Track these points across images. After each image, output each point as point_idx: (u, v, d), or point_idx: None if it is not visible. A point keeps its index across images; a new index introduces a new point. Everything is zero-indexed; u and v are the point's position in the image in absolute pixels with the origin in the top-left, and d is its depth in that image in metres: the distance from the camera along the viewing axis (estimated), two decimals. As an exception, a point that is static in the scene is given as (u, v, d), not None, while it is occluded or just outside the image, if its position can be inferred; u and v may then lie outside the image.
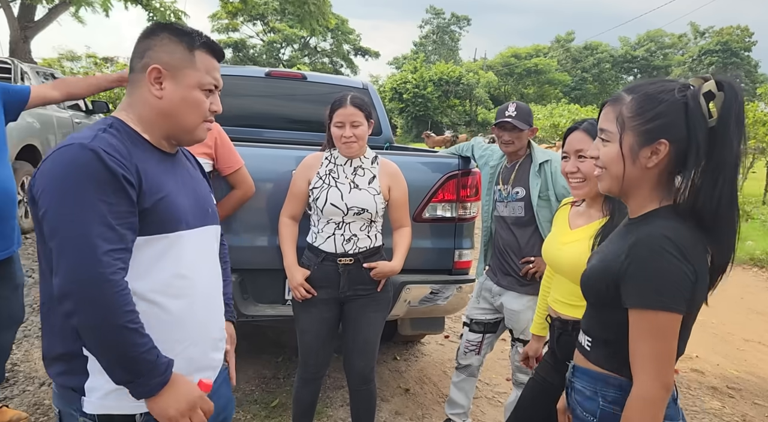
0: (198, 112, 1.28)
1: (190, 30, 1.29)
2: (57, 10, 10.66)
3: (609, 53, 52.54)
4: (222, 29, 41.58)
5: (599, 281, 1.26)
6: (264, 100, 4.19)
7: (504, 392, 3.44)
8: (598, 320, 1.31)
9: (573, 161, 1.82)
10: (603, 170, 1.28)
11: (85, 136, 1.14)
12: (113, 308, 1.07)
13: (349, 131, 2.27)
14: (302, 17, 11.28)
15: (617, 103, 1.25)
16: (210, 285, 1.35)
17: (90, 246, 1.07)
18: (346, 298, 2.36)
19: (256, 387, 3.28)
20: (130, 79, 1.29)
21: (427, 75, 40.45)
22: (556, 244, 1.90)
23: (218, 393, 1.40)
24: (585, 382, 1.33)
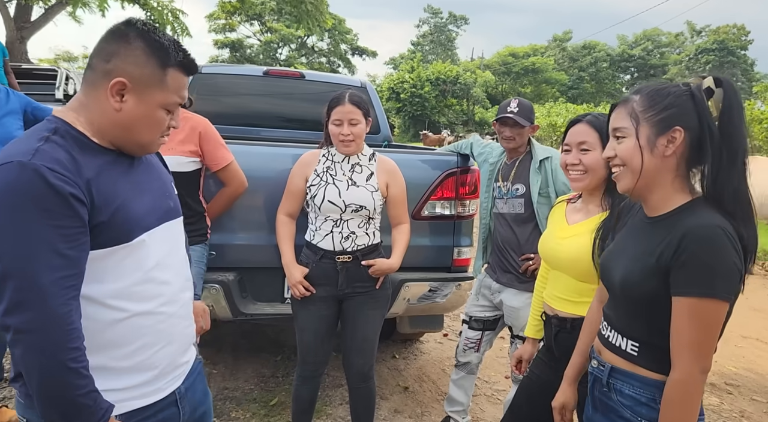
0: (156, 130, 1.19)
1: (167, 43, 1.16)
2: (53, 10, 10.63)
3: (606, 52, 52.61)
4: (219, 29, 41.53)
5: (646, 281, 1.26)
6: (262, 98, 4.19)
7: (503, 390, 3.45)
8: (647, 323, 1.30)
9: (575, 153, 1.81)
10: (622, 168, 1.31)
11: (25, 151, 1.01)
12: (57, 345, 1.01)
13: (347, 129, 2.26)
14: (299, 17, 11.28)
15: (627, 103, 1.31)
16: (178, 283, 1.30)
17: (35, 277, 0.99)
18: (345, 296, 2.36)
19: (255, 385, 3.27)
20: (88, 78, 1.16)
21: (425, 74, 40.45)
22: (555, 239, 1.89)
23: (193, 388, 1.38)
24: (637, 388, 1.32)
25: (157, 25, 9.76)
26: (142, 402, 1.21)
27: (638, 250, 1.32)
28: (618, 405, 1.36)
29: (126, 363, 1.18)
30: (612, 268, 1.39)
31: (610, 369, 1.38)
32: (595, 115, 1.82)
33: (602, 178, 1.79)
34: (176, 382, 1.30)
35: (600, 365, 1.43)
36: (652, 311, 1.28)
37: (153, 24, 1.19)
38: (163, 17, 9.25)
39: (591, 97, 47.25)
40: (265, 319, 2.97)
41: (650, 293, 1.27)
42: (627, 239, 1.41)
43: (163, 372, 1.25)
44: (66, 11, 10.94)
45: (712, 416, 3.34)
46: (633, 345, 1.34)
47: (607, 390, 1.39)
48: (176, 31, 9.62)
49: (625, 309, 1.37)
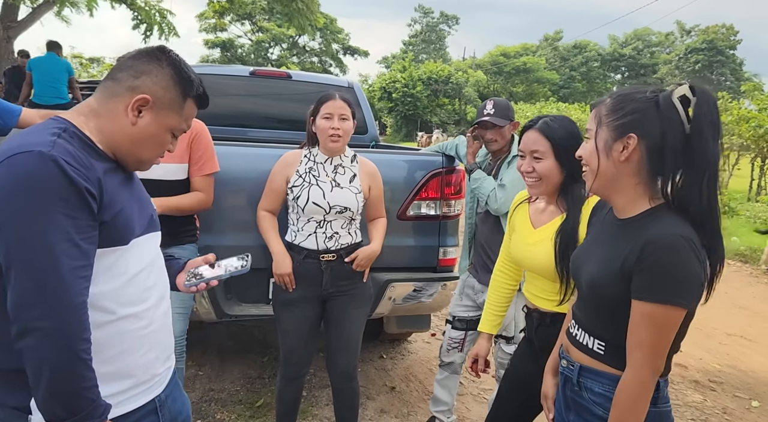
0: (158, 150, 1.27)
1: (193, 77, 1.26)
2: (41, 10, 10.54)
3: (597, 52, 52.88)
4: (210, 29, 41.35)
5: (612, 284, 1.29)
6: (249, 99, 4.18)
7: (489, 389, 3.46)
8: (613, 324, 1.32)
9: (528, 161, 1.81)
10: (587, 168, 1.34)
11: (43, 142, 1.04)
12: (73, 334, 1.02)
13: (337, 123, 2.27)
14: (291, 15, 11.24)
15: (599, 105, 1.34)
16: (159, 291, 1.31)
17: (55, 265, 1.00)
18: (329, 295, 2.37)
19: (241, 387, 3.27)
20: (109, 87, 1.20)
21: (416, 74, 40.49)
22: (523, 246, 1.91)
23: (173, 396, 1.38)
24: (607, 386, 1.34)
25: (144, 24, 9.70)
26: (122, 409, 1.20)
27: (605, 253, 1.34)
28: (590, 404, 1.38)
29: (105, 368, 1.16)
30: (581, 269, 1.41)
31: (579, 368, 1.41)
32: (547, 121, 1.82)
33: (556, 184, 1.80)
34: (156, 390, 1.30)
35: (570, 364, 1.45)
36: (617, 313, 1.30)
37: (182, 57, 1.28)
38: (150, 17, 9.18)
39: (582, 96, 47.48)
40: (250, 320, 2.97)
41: (615, 296, 1.29)
42: (596, 240, 1.43)
43: (141, 380, 1.24)
44: (53, 11, 10.86)
45: (695, 413, 3.38)
46: (600, 344, 1.36)
47: (578, 389, 1.41)
48: (164, 31, 9.56)
49: (593, 309, 1.39)
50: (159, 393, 1.31)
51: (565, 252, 1.71)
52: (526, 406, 1.94)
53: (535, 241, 1.86)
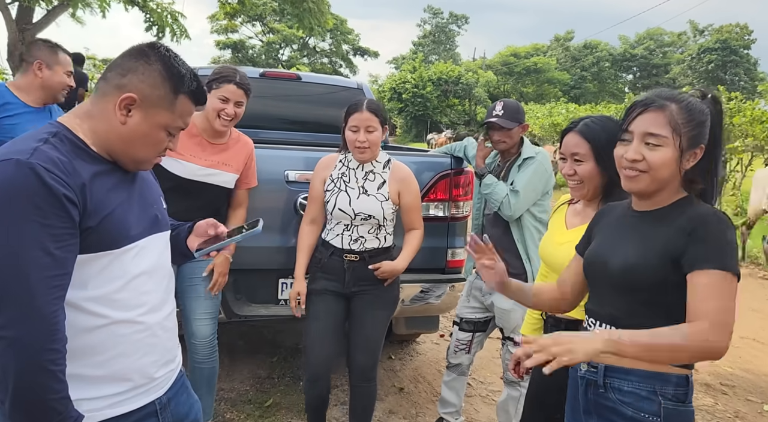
0: (154, 149, 1.23)
1: (185, 72, 1.21)
2: (55, 12, 10.64)
3: (608, 52, 52.51)
4: (221, 30, 41.59)
5: (654, 269, 1.31)
6: (259, 100, 4.20)
7: (498, 390, 3.45)
8: (645, 311, 1.33)
9: (569, 164, 1.79)
10: (642, 173, 1.33)
11: (24, 150, 1.04)
12: (38, 344, 1.01)
13: (363, 136, 2.30)
14: (301, 16, 11.26)
15: (664, 109, 1.31)
16: (160, 295, 1.30)
17: (23, 274, 1.00)
18: (352, 294, 2.42)
19: (250, 387, 3.29)
20: (100, 87, 1.19)
21: (426, 75, 40.45)
22: (553, 244, 1.90)
23: (176, 400, 1.37)
24: (636, 383, 1.33)
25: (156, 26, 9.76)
26: (116, 411, 1.20)
27: (640, 242, 1.36)
28: (617, 404, 1.36)
29: (100, 371, 1.17)
30: (608, 260, 1.40)
31: (605, 369, 1.39)
32: (587, 123, 1.79)
33: (598, 186, 1.78)
34: (156, 392, 1.29)
35: (591, 367, 1.42)
36: (655, 296, 1.32)
37: (174, 52, 1.23)
38: (162, 19, 9.26)
39: (593, 96, 47.12)
40: (259, 321, 3.00)
41: (657, 281, 1.30)
42: (619, 233, 1.44)
43: (138, 383, 1.23)
44: (68, 13, 10.97)
45: (706, 416, 3.35)
46: None
47: (604, 390, 1.39)
48: (175, 33, 9.63)
49: (623, 301, 1.38)
50: (160, 395, 1.30)
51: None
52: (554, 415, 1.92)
53: (565, 241, 1.84)
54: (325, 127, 4.09)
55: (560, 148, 1.87)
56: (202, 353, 2.47)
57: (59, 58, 2.62)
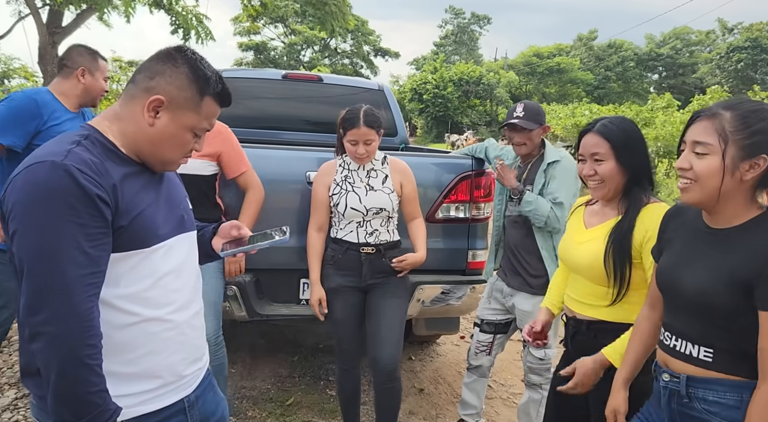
0: (181, 150, 1.26)
1: (210, 74, 1.24)
2: (83, 16, 10.88)
3: (633, 51, 51.69)
4: (244, 32, 42.04)
5: (724, 293, 1.27)
6: (282, 102, 4.25)
7: (519, 393, 3.44)
8: (721, 332, 1.31)
9: (590, 164, 1.79)
10: (692, 182, 1.31)
11: (58, 152, 1.08)
12: (76, 339, 1.04)
13: (362, 149, 2.41)
14: (323, 18, 11.33)
15: (715, 117, 1.28)
16: (188, 294, 1.32)
17: (59, 272, 1.03)
18: (368, 287, 2.50)
19: (272, 385, 3.33)
20: (129, 90, 1.23)
21: (447, 75, 40.30)
22: (572, 244, 1.90)
23: (203, 398, 1.39)
24: (722, 392, 1.31)
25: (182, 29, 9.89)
26: (146, 408, 1.23)
27: (712, 263, 1.32)
28: (704, 414, 1.34)
29: (131, 368, 1.20)
30: (680, 279, 1.38)
31: (687, 379, 1.36)
32: (605, 123, 1.78)
33: (620, 185, 1.77)
34: (184, 390, 1.31)
35: (673, 377, 1.40)
36: (727, 320, 1.28)
37: (201, 55, 1.26)
38: (188, 22, 9.40)
39: (618, 96, 46.40)
40: (281, 320, 3.03)
41: (728, 304, 1.27)
42: (691, 250, 1.40)
43: (167, 381, 1.26)
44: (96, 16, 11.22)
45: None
46: (706, 351, 1.33)
47: (689, 400, 1.36)
48: (200, 36, 9.77)
49: (698, 318, 1.35)
50: (188, 393, 1.32)
51: (618, 251, 1.70)
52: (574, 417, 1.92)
53: (584, 240, 1.84)
54: None
55: (578, 149, 1.86)
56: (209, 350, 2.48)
57: (99, 65, 2.71)
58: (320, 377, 3.48)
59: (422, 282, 2.88)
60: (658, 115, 16.14)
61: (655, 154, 12.89)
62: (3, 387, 3.04)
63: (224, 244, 1.48)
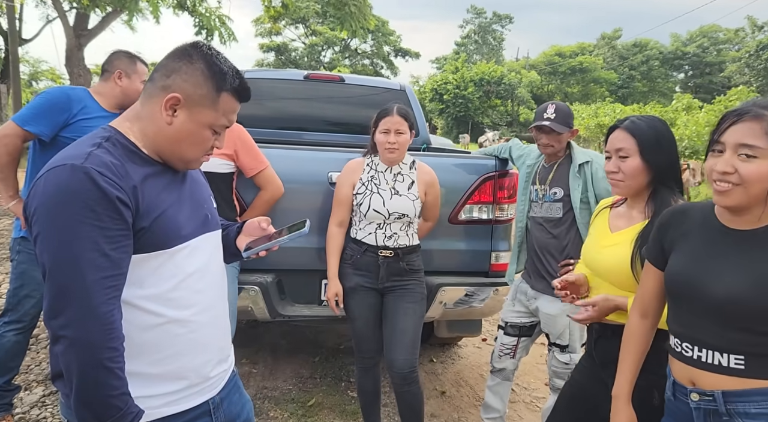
0: (200, 148, 1.24)
1: (227, 69, 1.22)
2: (109, 18, 11.09)
3: (658, 50, 50.81)
4: (265, 33, 42.42)
5: (760, 297, 1.22)
6: (303, 102, 4.25)
7: (542, 397, 3.38)
8: (754, 337, 1.25)
9: (614, 160, 1.74)
10: (734, 186, 1.24)
11: (78, 155, 1.08)
12: (96, 343, 1.04)
13: (393, 138, 2.42)
14: (343, 19, 11.36)
15: (761, 119, 1.22)
16: (213, 294, 1.31)
17: (79, 275, 1.03)
18: (385, 290, 2.50)
19: (293, 386, 3.33)
20: (147, 90, 1.22)
21: (468, 75, 40.12)
22: (597, 248, 1.85)
23: (229, 399, 1.38)
24: (762, 403, 1.25)
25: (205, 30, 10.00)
26: (172, 409, 1.22)
27: (743, 264, 1.26)
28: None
29: (156, 369, 1.20)
30: (703, 283, 1.31)
31: (723, 395, 1.28)
32: (634, 120, 1.74)
33: (642, 184, 1.72)
34: (210, 392, 1.31)
35: (704, 396, 1.32)
36: (761, 323, 1.23)
37: (217, 50, 1.24)
38: (211, 23, 9.51)
39: (642, 96, 45.68)
40: (302, 321, 3.03)
41: (763, 306, 1.22)
42: (712, 253, 1.34)
43: (193, 382, 1.26)
44: (121, 19, 11.42)
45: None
46: (737, 359, 1.27)
47: (729, 418, 1.28)
48: (222, 37, 9.88)
49: (723, 324, 1.29)
50: (213, 395, 1.32)
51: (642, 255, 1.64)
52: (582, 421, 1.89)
53: (609, 244, 1.79)
54: (368, 129, 4.10)
55: (605, 145, 1.82)
56: None
57: (137, 68, 2.74)
58: (341, 378, 3.47)
59: (445, 284, 2.85)
60: (681, 115, 15.85)
61: (681, 154, 12.66)
62: (31, 384, 3.09)
63: (248, 243, 1.46)
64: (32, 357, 3.42)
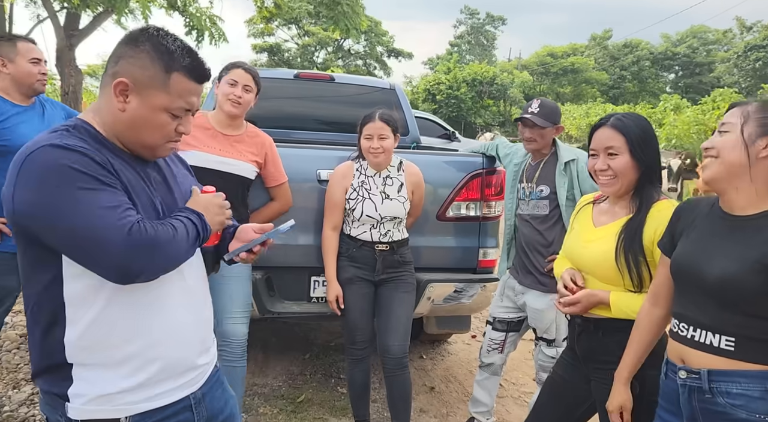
0: (160, 133, 1.21)
1: (174, 48, 1.18)
2: (100, 18, 11.01)
3: (649, 50, 51.11)
4: (258, 34, 42.30)
5: (751, 279, 1.29)
6: (294, 101, 4.27)
7: (530, 392, 3.42)
8: (743, 318, 1.32)
9: (603, 158, 1.76)
10: (713, 159, 1.39)
11: (51, 137, 1.10)
12: (149, 247, 1.09)
13: (377, 143, 2.52)
14: (336, 19, 11.35)
15: (744, 105, 1.40)
16: (192, 286, 1.31)
17: (107, 219, 1.06)
18: (380, 281, 2.60)
19: (283, 382, 3.35)
20: (102, 81, 1.21)
21: (461, 75, 40.19)
22: (581, 242, 1.87)
23: (211, 395, 1.37)
24: (745, 384, 1.31)
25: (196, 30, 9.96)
26: (151, 404, 1.22)
27: (737, 250, 1.34)
28: (728, 408, 1.33)
29: (137, 361, 1.20)
30: (700, 267, 1.39)
31: (708, 374, 1.36)
32: (620, 117, 1.77)
33: (632, 181, 1.75)
34: (191, 386, 1.30)
35: (691, 374, 1.39)
36: (751, 306, 1.30)
37: (167, 30, 1.21)
38: (202, 23, 9.47)
39: (633, 96, 45.93)
40: (292, 317, 3.05)
41: (756, 290, 1.28)
42: (711, 238, 1.41)
43: (172, 373, 1.25)
44: (112, 19, 11.35)
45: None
46: (728, 340, 1.33)
47: (711, 396, 1.35)
48: (214, 37, 9.86)
49: (718, 305, 1.36)
50: (195, 390, 1.31)
51: (630, 248, 1.69)
52: (566, 416, 1.92)
53: (594, 239, 1.82)
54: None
55: (590, 144, 1.84)
56: (236, 352, 2.47)
57: (18, 49, 2.55)
58: (331, 375, 3.49)
59: (433, 281, 2.88)
60: (669, 115, 16.01)
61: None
62: (20, 383, 3.09)
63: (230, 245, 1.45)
64: (21, 356, 3.42)
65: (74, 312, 1.15)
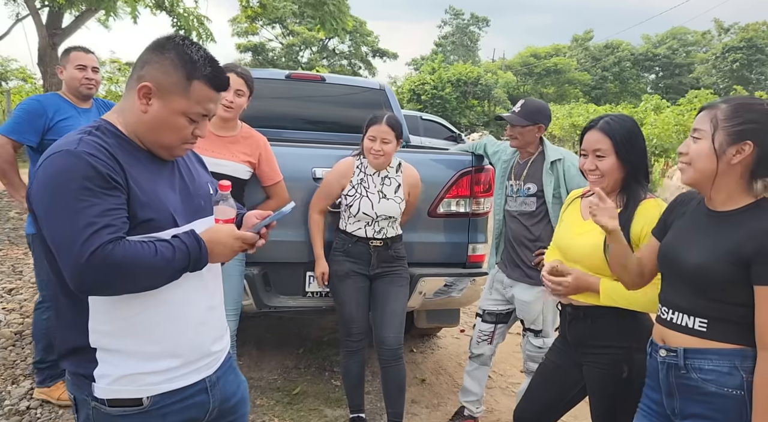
0: (177, 135, 1.30)
1: (198, 57, 1.27)
2: (83, 17, 10.91)
3: (629, 51, 51.81)
4: (242, 33, 42.01)
5: (723, 268, 1.41)
6: (285, 101, 4.33)
7: (517, 382, 3.53)
8: (716, 303, 1.44)
9: (591, 159, 1.88)
10: (687, 165, 1.48)
11: (71, 142, 1.19)
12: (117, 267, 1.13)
13: (379, 146, 2.61)
14: (323, 18, 11.38)
15: (713, 109, 1.46)
16: (206, 277, 1.37)
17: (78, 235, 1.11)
18: (375, 275, 2.69)
19: (278, 376, 3.42)
20: (128, 83, 1.31)
21: (446, 76, 40.34)
22: (571, 234, 1.98)
23: (225, 378, 1.46)
24: (716, 360, 1.44)
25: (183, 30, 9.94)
26: (171, 386, 1.30)
27: (712, 241, 1.46)
28: (700, 382, 1.46)
29: (156, 347, 1.28)
30: (680, 254, 1.52)
31: (684, 352, 1.49)
32: (608, 121, 1.88)
33: (618, 180, 1.88)
34: (207, 370, 1.39)
35: (670, 352, 1.53)
36: (722, 292, 1.43)
37: (192, 40, 1.32)
38: (189, 23, 9.47)
39: (614, 97, 46.52)
40: (287, 312, 3.12)
41: (724, 278, 1.41)
42: (693, 230, 1.54)
43: (189, 359, 1.33)
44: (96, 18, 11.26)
45: None
46: (701, 322, 1.47)
47: (686, 371, 1.49)
48: (201, 37, 9.85)
49: (695, 290, 1.48)
50: (210, 374, 1.40)
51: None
52: (557, 401, 2.03)
53: (583, 231, 1.93)
54: (348, 127, 4.20)
55: (581, 145, 1.95)
56: None
57: (70, 57, 2.86)
58: (325, 368, 3.57)
59: (424, 275, 2.97)
60: (650, 115, 16.32)
61: (650, 153, 13.03)
62: (18, 378, 3.13)
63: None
64: (17, 353, 3.45)
65: (95, 299, 1.23)
